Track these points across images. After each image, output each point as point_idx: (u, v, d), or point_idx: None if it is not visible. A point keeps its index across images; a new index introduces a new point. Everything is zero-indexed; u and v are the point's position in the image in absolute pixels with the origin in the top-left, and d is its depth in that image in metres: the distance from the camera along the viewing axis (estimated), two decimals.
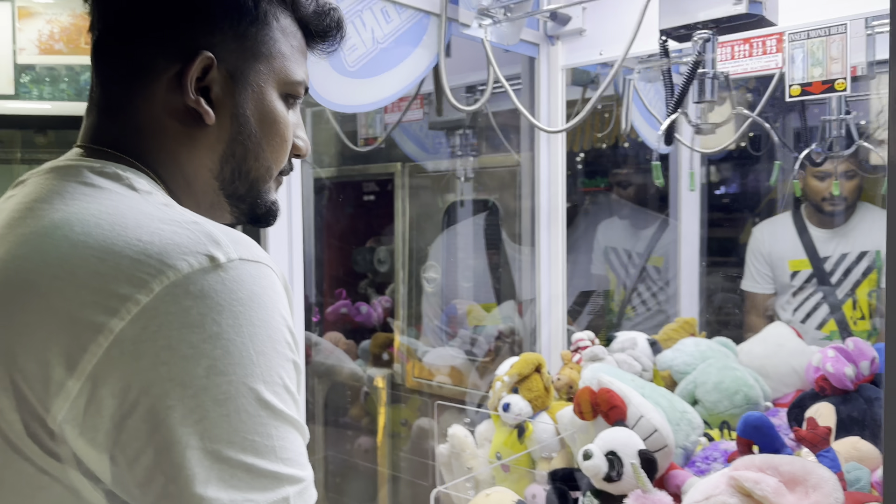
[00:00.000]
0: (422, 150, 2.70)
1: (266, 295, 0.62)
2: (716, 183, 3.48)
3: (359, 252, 2.87)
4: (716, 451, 1.64)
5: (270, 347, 0.61)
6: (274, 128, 0.78)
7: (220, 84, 0.74)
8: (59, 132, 2.54)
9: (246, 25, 0.75)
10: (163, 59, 0.72)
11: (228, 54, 0.74)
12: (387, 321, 2.74)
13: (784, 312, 2.49)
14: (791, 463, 1.17)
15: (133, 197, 0.68)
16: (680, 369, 1.95)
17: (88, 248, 0.60)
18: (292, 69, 0.80)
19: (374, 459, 2.50)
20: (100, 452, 0.58)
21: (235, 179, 0.78)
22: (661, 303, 2.96)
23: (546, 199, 2.14)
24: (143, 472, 0.57)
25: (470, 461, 1.78)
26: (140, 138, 0.74)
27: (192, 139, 0.74)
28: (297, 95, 0.81)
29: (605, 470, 1.38)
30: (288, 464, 0.61)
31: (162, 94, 0.73)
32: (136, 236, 0.61)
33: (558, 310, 2.17)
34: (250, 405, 0.59)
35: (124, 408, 0.57)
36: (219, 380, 0.58)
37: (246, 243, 0.64)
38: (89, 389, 0.57)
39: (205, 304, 0.59)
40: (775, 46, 1.78)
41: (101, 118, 0.75)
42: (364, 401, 2.55)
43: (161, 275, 0.59)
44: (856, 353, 1.61)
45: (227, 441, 0.58)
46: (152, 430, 0.57)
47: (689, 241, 2.67)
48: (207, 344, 0.58)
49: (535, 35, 2.08)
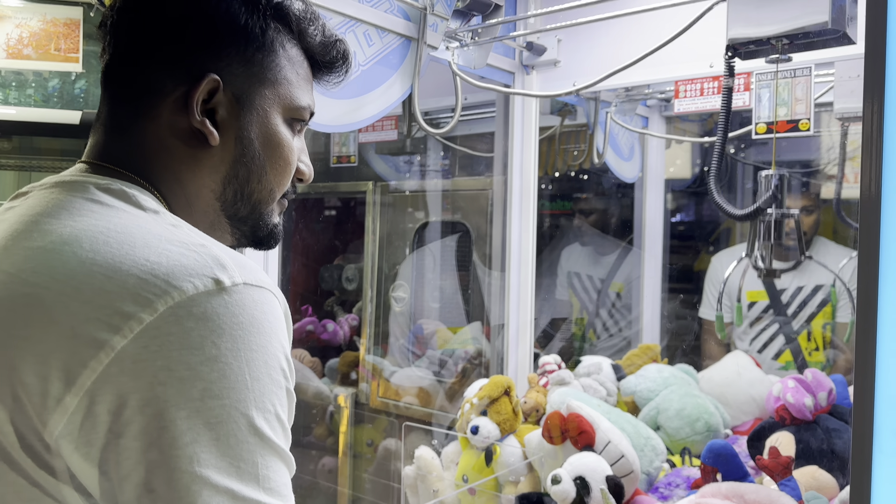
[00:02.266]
0: (393, 170, 2.71)
1: (266, 321, 0.63)
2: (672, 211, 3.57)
3: (326, 269, 2.86)
4: (678, 478, 1.68)
5: (265, 374, 0.62)
6: (278, 151, 0.80)
7: (226, 106, 0.75)
8: (24, 138, 2.48)
9: (252, 51, 0.76)
10: (170, 81, 0.73)
11: (235, 78, 0.75)
12: (353, 340, 2.73)
13: (741, 342, 2.56)
14: (756, 491, 1.20)
15: (140, 216, 0.68)
16: (643, 395, 1.99)
17: (96, 265, 0.61)
18: (297, 95, 0.81)
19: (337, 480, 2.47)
20: (92, 467, 0.58)
21: (238, 201, 0.79)
22: (623, 328, 3.01)
23: (518, 223, 2.17)
24: (132, 489, 0.57)
25: (436, 483, 1.78)
26: (145, 157, 0.74)
27: (195, 160, 0.75)
28: (302, 119, 0.83)
29: (573, 495, 1.40)
30: (271, 494, 0.61)
31: (168, 115, 0.74)
32: (145, 256, 0.61)
33: (526, 333, 2.20)
34: (240, 431, 0.59)
35: (118, 425, 0.57)
36: (212, 403, 0.58)
37: (251, 268, 0.65)
38: (86, 405, 0.57)
39: (206, 327, 0.59)
40: (743, 85, 1.85)
41: (107, 137, 0.76)
42: (329, 420, 2.53)
43: (166, 295, 0.59)
44: (814, 384, 1.66)
45: (215, 466, 0.58)
46: (145, 448, 0.57)
47: (653, 269, 2.73)
48: (205, 367, 0.58)
49: (510, 64, 2.12)
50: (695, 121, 2.81)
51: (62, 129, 2.44)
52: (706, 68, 1.85)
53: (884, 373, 0.87)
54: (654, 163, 2.73)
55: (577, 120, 2.56)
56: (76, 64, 2.57)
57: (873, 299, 0.88)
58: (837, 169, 2.17)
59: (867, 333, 0.88)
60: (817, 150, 2.78)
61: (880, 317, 0.88)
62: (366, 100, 1.71)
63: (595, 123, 2.38)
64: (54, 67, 2.52)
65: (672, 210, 3.50)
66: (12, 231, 0.67)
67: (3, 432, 0.59)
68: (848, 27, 1.27)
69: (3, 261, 0.64)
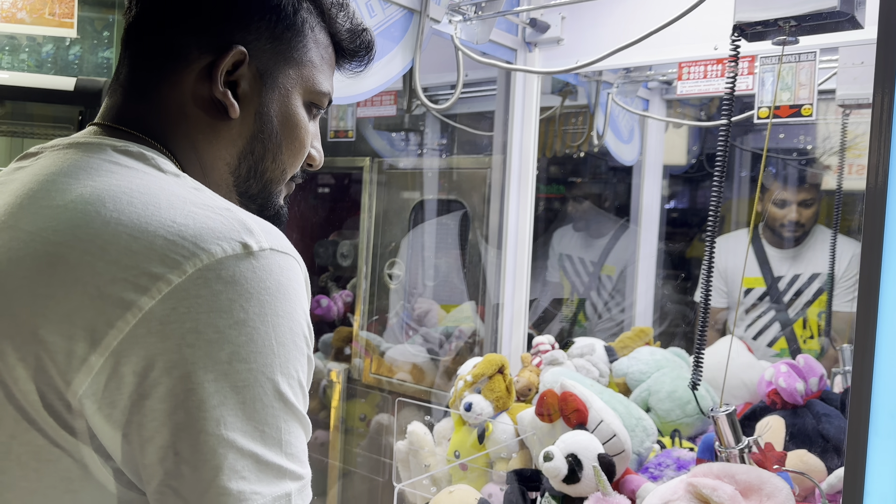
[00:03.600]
0: (391, 146, 2.69)
1: (292, 287, 0.63)
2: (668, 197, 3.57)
3: (321, 245, 2.85)
4: (668, 459, 1.69)
5: (290, 340, 0.62)
6: (295, 132, 0.80)
7: (249, 81, 0.75)
8: (17, 104, 2.45)
9: (282, 29, 0.76)
10: (196, 49, 0.73)
11: (261, 53, 0.75)
12: (347, 316, 2.73)
13: (737, 329, 2.57)
14: (747, 472, 1.21)
15: (161, 178, 0.67)
16: (635, 377, 2.00)
17: (121, 225, 0.60)
18: (320, 79, 0.81)
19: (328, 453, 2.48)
20: (114, 429, 0.58)
21: (250, 177, 0.79)
22: (613, 311, 3.02)
23: (515, 203, 2.16)
24: (155, 451, 0.57)
25: (428, 459, 1.79)
26: (163, 122, 0.74)
27: (214, 130, 0.75)
28: (320, 105, 0.83)
29: (565, 472, 1.41)
30: (292, 459, 0.61)
31: (191, 83, 0.73)
32: (171, 217, 0.61)
33: (521, 314, 2.20)
34: (266, 395, 0.59)
35: (144, 387, 0.57)
36: (240, 367, 0.58)
37: (276, 234, 0.65)
38: (112, 365, 0.57)
39: (234, 290, 0.59)
40: (747, 69, 1.84)
41: (124, 99, 0.75)
42: (322, 394, 2.53)
43: (195, 257, 0.59)
44: (806, 369, 1.68)
45: (241, 429, 0.58)
46: (171, 410, 0.57)
47: (648, 253, 2.73)
48: (233, 330, 0.58)
49: (513, 40, 2.10)
50: (695, 105, 2.80)
51: (56, 95, 2.40)
52: (710, 50, 1.84)
53: (882, 357, 0.88)
54: (653, 146, 2.72)
55: (578, 101, 2.55)
56: (71, 30, 2.53)
57: (875, 286, 0.89)
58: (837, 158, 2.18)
59: (868, 318, 0.89)
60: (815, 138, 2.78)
61: (882, 301, 0.88)
62: (366, 72, 1.68)
63: (596, 104, 2.37)
64: (48, 32, 2.48)
65: (668, 195, 3.51)
66: (27, 190, 0.66)
67: (24, 391, 0.59)
68: (856, 11, 1.26)
69: (22, 219, 0.63)
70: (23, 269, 0.60)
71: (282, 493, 0.59)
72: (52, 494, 0.60)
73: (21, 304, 0.59)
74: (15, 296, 0.60)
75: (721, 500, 1.18)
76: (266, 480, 0.58)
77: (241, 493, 0.57)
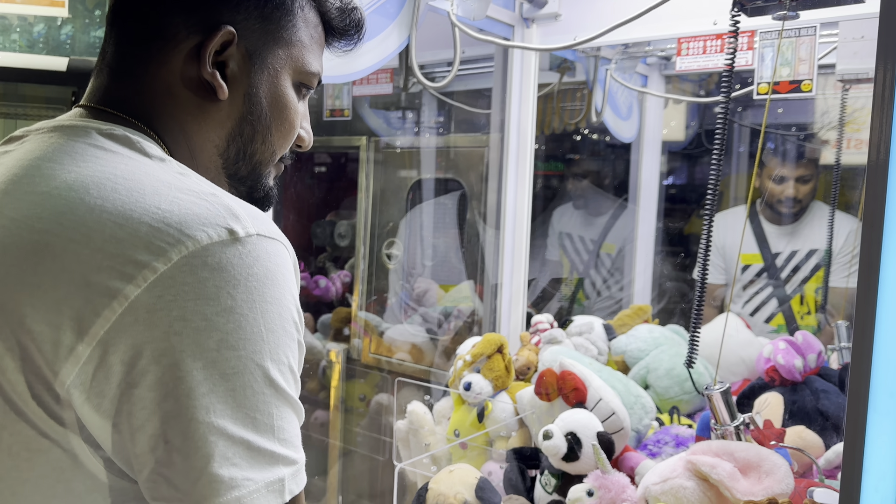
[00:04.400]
0: (388, 125, 2.67)
1: (280, 273, 0.62)
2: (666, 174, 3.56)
3: (318, 225, 2.84)
4: (667, 436, 1.69)
5: (280, 326, 0.61)
6: (284, 113, 0.79)
7: (238, 61, 0.74)
8: (9, 85, 2.42)
9: (271, 8, 0.75)
10: (184, 28, 0.72)
11: (250, 34, 0.74)
12: (345, 296, 2.72)
13: (734, 305, 2.57)
14: (746, 449, 1.21)
15: (146, 163, 0.66)
16: (633, 355, 2.00)
17: (105, 212, 0.59)
18: (309, 59, 0.80)
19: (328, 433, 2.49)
20: (104, 419, 0.58)
21: (239, 160, 0.78)
22: (612, 289, 3.02)
23: (514, 182, 2.15)
24: (146, 440, 0.57)
25: (428, 438, 1.79)
26: (150, 103, 0.73)
27: (202, 111, 0.74)
28: (309, 86, 0.82)
29: (564, 450, 1.41)
30: (285, 445, 0.61)
31: (179, 63, 0.72)
32: (155, 204, 0.60)
33: (520, 292, 2.19)
34: (256, 382, 0.59)
35: (133, 376, 0.56)
36: (229, 354, 0.58)
37: (263, 219, 0.64)
38: (99, 355, 0.56)
39: (221, 277, 0.58)
40: (746, 44, 1.82)
41: (111, 80, 0.74)
42: (322, 375, 2.54)
43: (180, 244, 0.58)
44: (804, 345, 1.68)
45: (231, 416, 0.57)
46: (160, 399, 0.56)
47: (646, 231, 2.72)
48: (221, 317, 0.58)
49: (510, 16, 2.07)
50: (694, 81, 2.78)
51: (48, 75, 2.38)
52: (709, 26, 1.82)
53: (882, 334, 0.88)
54: (652, 123, 2.71)
55: (577, 77, 2.53)
56: (62, 9, 2.50)
57: (875, 264, 0.88)
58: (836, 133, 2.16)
59: (868, 295, 0.88)
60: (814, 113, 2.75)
61: (882, 278, 0.88)
62: (361, 50, 1.66)
63: (594, 81, 2.34)
64: (39, 12, 2.45)
65: (667, 172, 3.49)
66: (11, 175, 0.65)
67: (12, 381, 0.58)
68: None
69: (6, 206, 0.63)
70: (9, 257, 0.60)
71: (275, 478, 0.59)
72: (43, 484, 0.60)
73: (7, 293, 0.59)
74: (1, 285, 0.59)
75: (720, 478, 1.18)
76: (258, 466, 0.58)
77: (232, 480, 0.57)
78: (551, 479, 1.46)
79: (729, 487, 1.17)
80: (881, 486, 0.89)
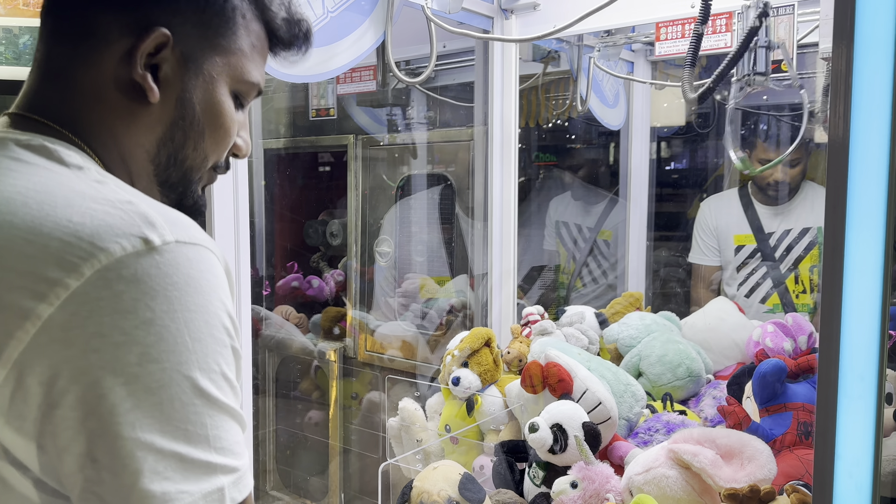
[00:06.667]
0: (375, 122, 2.67)
1: (204, 279, 0.61)
2: (665, 159, 3.54)
3: (311, 225, 2.84)
4: (658, 423, 1.69)
5: (207, 333, 0.60)
6: (219, 120, 0.77)
7: (172, 65, 0.72)
8: None
9: (211, 15, 0.73)
10: (117, 28, 0.70)
11: (187, 38, 0.72)
12: (339, 295, 2.73)
13: (729, 287, 2.56)
14: (728, 436, 1.21)
15: (63, 173, 0.65)
16: (625, 343, 1.99)
17: (15, 228, 0.58)
18: (249, 69, 0.78)
19: (324, 433, 2.50)
20: (27, 441, 0.57)
21: (170, 166, 0.76)
22: (610, 277, 3.01)
23: (499, 173, 2.14)
24: (73, 460, 0.56)
25: (420, 434, 1.80)
26: (78, 106, 0.71)
27: (132, 115, 0.72)
28: (247, 95, 0.80)
29: (549, 442, 1.41)
30: (222, 453, 0.60)
31: (109, 64, 0.70)
32: (67, 216, 0.59)
33: (509, 284, 2.19)
34: (184, 393, 0.58)
35: (52, 396, 0.56)
36: (152, 367, 0.57)
37: (184, 224, 0.63)
38: (15, 377, 0.56)
39: (138, 289, 0.57)
40: (724, 25, 1.81)
41: (39, 82, 0.72)
42: (315, 374, 2.54)
43: (92, 258, 0.57)
44: (794, 327, 1.67)
45: (160, 430, 0.57)
46: (83, 418, 0.56)
47: (638, 217, 2.71)
48: (140, 330, 0.56)
49: (489, 8, 2.06)
50: (680, 65, 2.75)
51: None
52: (688, 9, 1.81)
53: (849, 317, 0.87)
54: (640, 109, 2.69)
55: (561, 67, 2.51)
56: None
57: (840, 243, 0.87)
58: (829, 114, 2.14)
59: (833, 278, 0.87)
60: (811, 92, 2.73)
61: (846, 260, 0.87)
62: (336, 48, 1.66)
63: (578, 70, 2.33)
64: (23, 23, 2.45)
65: (662, 158, 3.47)
66: None
67: None
68: None
69: None
70: None
71: (213, 488, 0.59)
72: None
73: None
74: None
75: (702, 465, 1.18)
76: (193, 478, 0.58)
77: (165, 494, 0.56)
78: (539, 472, 1.46)
79: (711, 475, 1.17)
80: (855, 472, 0.88)
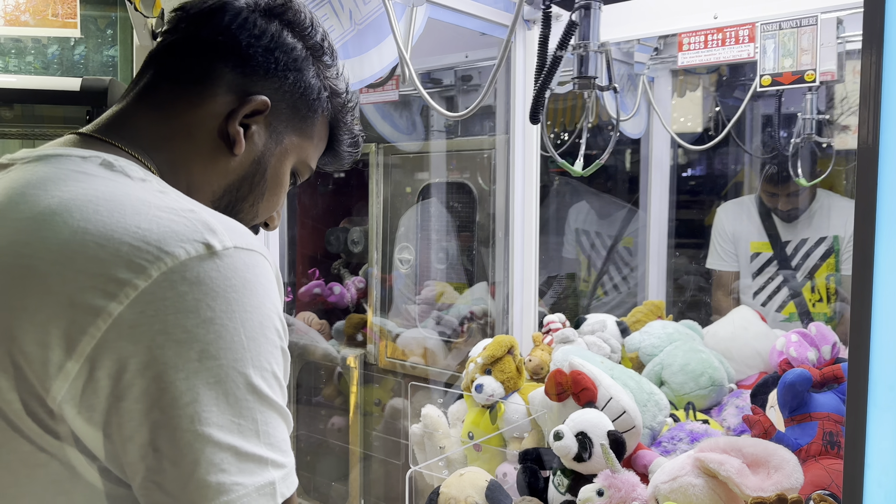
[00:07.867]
0: (396, 131, 2.69)
1: (258, 282, 0.65)
2: (683, 166, 3.53)
3: (332, 232, 2.86)
4: (681, 432, 1.69)
5: (261, 334, 0.63)
6: (279, 188, 0.87)
7: (260, 129, 0.82)
8: (26, 106, 2.47)
9: (304, 108, 0.86)
10: (227, 84, 0.79)
11: (279, 112, 0.83)
12: (360, 302, 2.75)
13: (745, 295, 2.55)
14: (754, 445, 1.21)
15: (127, 184, 0.69)
16: (647, 351, 1.99)
17: (88, 233, 0.62)
18: (313, 155, 0.90)
19: (346, 438, 2.52)
20: (96, 430, 0.60)
21: (226, 211, 0.82)
22: (631, 285, 3.01)
23: (521, 182, 2.15)
24: (136, 449, 0.60)
25: (442, 441, 1.81)
26: (168, 135, 0.78)
27: (213, 158, 0.80)
28: (302, 176, 0.91)
29: (575, 450, 1.41)
30: (272, 449, 0.63)
31: (212, 110, 0.79)
32: (135, 223, 0.63)
33: (530, 292, 2.20)
34: (238, 389, 0.61)
35: (119, 388, 0.59)
36: (210, 364, 0.60)
37: (241, 232, 0.67)
38: (87, 371, 0.59)
39: (200, 290, 0.61)
40: (748, 36, 1.81)
41: (132, 105, 0.80)
42: (337, 381, 2.56)
43: (159, 261, 0.61)
44: (818, 337, 1.66)
45: (217, 424, 0.60)
46: (147, 410, 0.59)
47: (658, 225, 2.71)
48: (201, 329, 0.60)
49: (510, 19, 2.07)
50: (702, 73, 2.76)
51: (63, 96, 2.43)
52: (710, 20, 1.81)
53: (879, 327, 0.87)
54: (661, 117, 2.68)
55: None
56: (74, 30, 2.55)
57: (870, 251, 0.88)
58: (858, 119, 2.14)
59: (863, 287, 0.88)
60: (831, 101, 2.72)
61: (876, 268, 0.87)
62: (363, 60, 1.68)
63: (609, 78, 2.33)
64: (52, 33, 2.50)
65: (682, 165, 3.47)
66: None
67: (7, 400, 0.61)
68: None
69: None
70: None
71: (265, 482, 0.62)
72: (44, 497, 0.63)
73: None
74: None
75: (728, 474, 1.18)
76: (248, 471, 0.61)
77: (220, 485, 0.59)
78: (563, 480, 1.46)
79: (738, 484, 1.17)
80: (884, 481, 0.89)
